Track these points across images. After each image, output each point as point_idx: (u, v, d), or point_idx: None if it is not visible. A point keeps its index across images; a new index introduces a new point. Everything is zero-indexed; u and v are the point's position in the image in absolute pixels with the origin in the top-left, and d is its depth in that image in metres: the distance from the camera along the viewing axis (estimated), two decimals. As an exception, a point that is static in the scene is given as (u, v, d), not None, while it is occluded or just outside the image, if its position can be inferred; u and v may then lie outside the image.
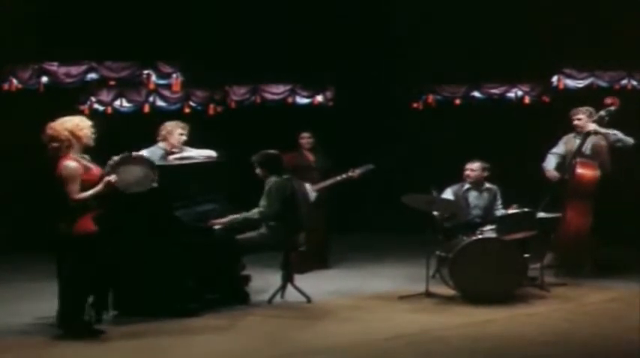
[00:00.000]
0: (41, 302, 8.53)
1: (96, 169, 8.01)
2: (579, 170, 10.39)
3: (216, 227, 9.10)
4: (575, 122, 10.55)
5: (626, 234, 10.89)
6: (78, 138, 7.94)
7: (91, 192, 7.87)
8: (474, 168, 10.10)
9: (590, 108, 10.55)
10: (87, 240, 7.85)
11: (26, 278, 10.26)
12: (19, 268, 10.84)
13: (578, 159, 10.43)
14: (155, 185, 8.20)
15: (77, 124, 8.00)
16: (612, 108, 10.52)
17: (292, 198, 9.42)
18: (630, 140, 10.43)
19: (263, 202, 9.19)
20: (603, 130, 10.45)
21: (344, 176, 11.04)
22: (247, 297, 9.37)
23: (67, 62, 11.97)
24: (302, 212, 9.66)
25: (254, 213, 9.20)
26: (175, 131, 9.56)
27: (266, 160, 9.40)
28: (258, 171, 9.38)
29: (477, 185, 10.12)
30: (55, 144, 7.90)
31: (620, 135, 10.43)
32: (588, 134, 10.46)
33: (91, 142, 8.05)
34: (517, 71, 13.29)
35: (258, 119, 13.02)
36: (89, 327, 8.02)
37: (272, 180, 9.28)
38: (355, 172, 11.03)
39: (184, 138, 9.61)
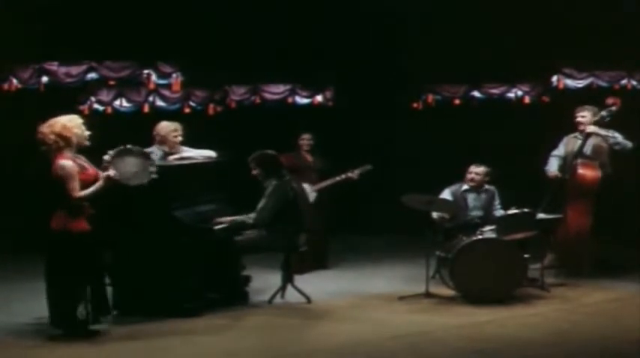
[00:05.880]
0: (41, 302, 8.49)
1: (92, 169, 7.99)
2: (580, 170, 10.40)
3: (218, 227, 9.07)
4: (579, 119, 10.52)
5: (626, 234, 10.88)
6: (66, 139, 7.86)
7: (92, 189, 7.85)
8: (478, 172, 10.07)
9: (595, 108, 10.55)
10: (81, 239, 7.84)
11: (26, 278, 10.24)
12: (19, 268, 10.83)
13: (579, 160, 10.44)
14: (154, 176, 8.17)
15: (64, 126, 7.89)
16: (613, 108, 10.51)
17: (294, 200, 9.39)
18: (629, 144, 10.41)
19: (260, 206, 9.16)
20: (603, 132, 10.44)
21: (343, 176, 11.04)
22: (247, 297, 9.37)
23: (67, 62, 11.97)
24: (303, 213, 9.64)
25: (249, 217, 9.17)
26: (169, 135, 9.53)
27: (263, 161, 9.37)
28: (255, 171, 9.36)
29: (477, 187, 10.12)
30: (44, 148, 7.88)
31: (619, 138, 10.41)
32: (589, 135, 10.46)
33: (85, 141, 7.99)
34: (517, 71, 13.29)
35: (257, 119, 13.01)
36: (85, 327, 8.00)
37: (273, 183, 9.26)
38: (354, 173, 11.02)
39: (180, 138, 9.59)
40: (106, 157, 8.00)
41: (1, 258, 11.28)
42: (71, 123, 7.95)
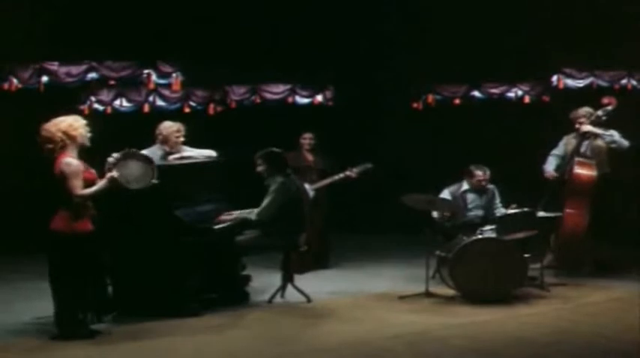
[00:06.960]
0: (41, 302, 8.52)
1: (92, 171, 8.02)
2: (576, 170, 10.41)
3: (222, 225, 9.06)
4: (577, 126, 10.55)
5: (626, 234, 10.88)
6: (72, 138, 7.90)
7: (95, 188, 7.87)
8: (487, 175, 10.06)
9: (590, 110, 10.55)
10: (84, 240, 7.84)
11: (26, 278, 10.26)
12: (19, 268, 10.84)
13: (576, 159, 10.45)
14: (155, 182, 8.18)
15: (71, 124, 7.94)
16: (609, 107, 10.52)
17: (298, 198, 9.40)
18: (625, 142, 10.42)
19: (264, 204, 9.17)
20: (599, 131, 10.46)
21: (342, 175, 11.03)
22: (247, 297, 9.38)
23: (67, 62, 11.97)
24: (305, 212, 9.64)
25: (253, 212, 9.18)
26: (172, 135, 9.52)
27: (270, 158, 9.37)
28: (260, 168, 9.36)
29: (481, 188, 10.12)
30: (49, 146, 7.89)
31: (616, 136, 10.42)
32: (584, 134, 10.47)
33: (87, 142, 8.01)
34: (517, 71, 13.29)
35: (258, 119, 13.02)
36: (85, 327, 8.01)
37: (278, 180, 9.26)
38: (353, 171, 11.02)
39: (182, 139, 9.59)
40: (111, 159, 8.03)
41: (1, 258, 11.27)
42: (77, 123, 8.02)
